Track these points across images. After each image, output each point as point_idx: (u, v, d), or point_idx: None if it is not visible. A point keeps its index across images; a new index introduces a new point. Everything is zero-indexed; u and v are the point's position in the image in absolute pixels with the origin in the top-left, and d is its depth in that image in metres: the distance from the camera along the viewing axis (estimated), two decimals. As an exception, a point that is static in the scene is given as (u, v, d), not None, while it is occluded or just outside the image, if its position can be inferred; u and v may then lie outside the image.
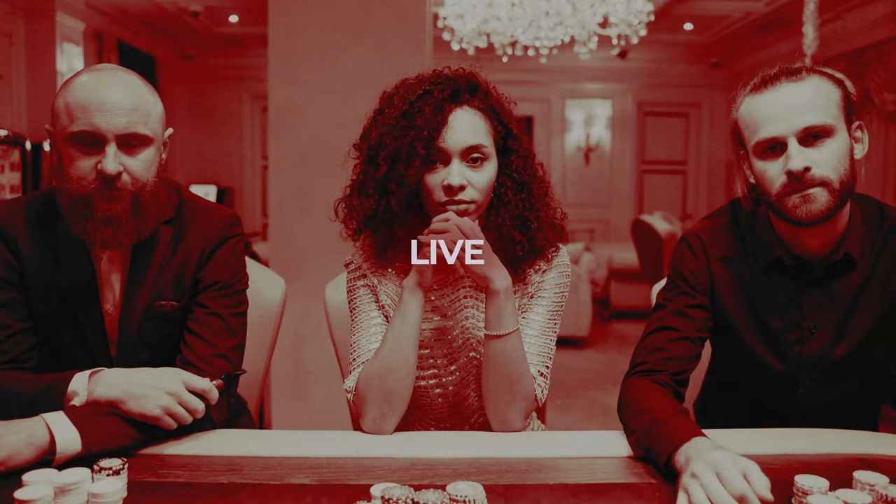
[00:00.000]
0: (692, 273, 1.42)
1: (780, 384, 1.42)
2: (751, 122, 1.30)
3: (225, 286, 1.38)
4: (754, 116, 1.29)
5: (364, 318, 1.37)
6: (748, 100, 1.31)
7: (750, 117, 1.30)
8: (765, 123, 1.27)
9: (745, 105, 1.32)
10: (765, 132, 1.27)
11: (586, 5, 4.09)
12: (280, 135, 2.87)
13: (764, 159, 1.29)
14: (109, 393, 1.16)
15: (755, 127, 1.29)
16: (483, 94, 1.32)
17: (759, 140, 1.28)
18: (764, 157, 1.29)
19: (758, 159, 1.30)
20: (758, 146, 1.29)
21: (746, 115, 1.31)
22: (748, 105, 1.31)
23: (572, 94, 8.87)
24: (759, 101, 1.29)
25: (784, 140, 1.25)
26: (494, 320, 1.26)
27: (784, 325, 1.37)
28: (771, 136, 1.26)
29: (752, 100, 1.30)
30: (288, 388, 2.94)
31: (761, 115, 1.28)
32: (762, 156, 1.29)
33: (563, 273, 1.39)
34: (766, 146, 1.28)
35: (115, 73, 1.25)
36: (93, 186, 1.22)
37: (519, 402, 1.29)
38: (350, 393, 1.32)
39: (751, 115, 1.30)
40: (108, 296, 1.35)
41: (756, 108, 1.29)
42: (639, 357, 1.37)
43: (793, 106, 1.25)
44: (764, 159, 1.29)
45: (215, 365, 1.32)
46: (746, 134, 1.32)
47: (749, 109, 1.30)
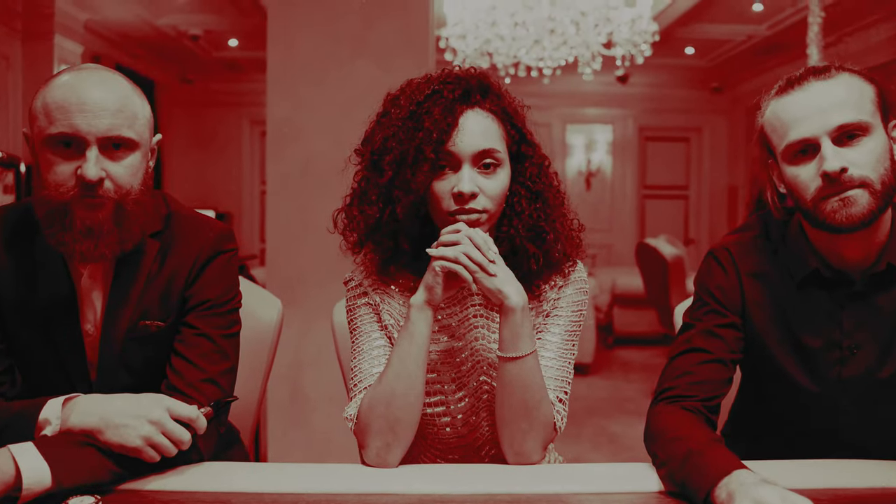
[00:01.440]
0: (721, 289, 1.32)
1: (819, 410, 1.31)
2: (779, 125, 1.20)
3: (216, 305, 1.28)
4: (782, 119, 1.20)
5: (365, 339, 1.27)
6: (774, 102, 1.22)
7: (777, 120, 1.21)
8: (794, 125, 1.17)
9: (772, 108, 1.22)
10: (795, 134, 1.17)
11: (590, 25, 4.05)
12: (278, 152, 2.79)
13: (795, 164, 1.19)
14: (85, 421, 1.05)
15: (784, 130, 1.19)
16: (496, 96, 1.23)
17: (789, 143, 1.18)
18: (795, 162, 1.19)
19: (788, 165, 1.20)
20: (788, 150, 1.19)
21: (773, 119, 1.22)
22: (775, 108, 1.22)
23: (573, 119, 8.86)
24: (787, 102, 1.19)
25: (816, 141, 1.16)
26: (509, 341, 1.16)
27: (822, 344, 1.27)
28: (802, 138, 1.17)
29: (778, 102, 1.21)
30: (285, 415, 2.84)
31: (790, 116, 1.18)
32: (793, 160, 1.20)
33: (580, 289, 1.29)
34: (796, 149, 1.18)
35: (98, 73, 1.16)
36: (72, 193, 1.12)
37: (537, 431, 1.18)
38: (351, 421, 1.21)
39: (778, 118, 1.20)
40: (89, 315, 1.24)
41: (784, 110, 1.19)
42: (666, 382, 1.27)
43: (824, 104, 1.16)
44: (795, 164, 1.19)
45: (204, 391, 1.21)
46: (774, 139, 1.22)
47: (776, 112, 1.21)
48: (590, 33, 4.06)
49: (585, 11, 3.95)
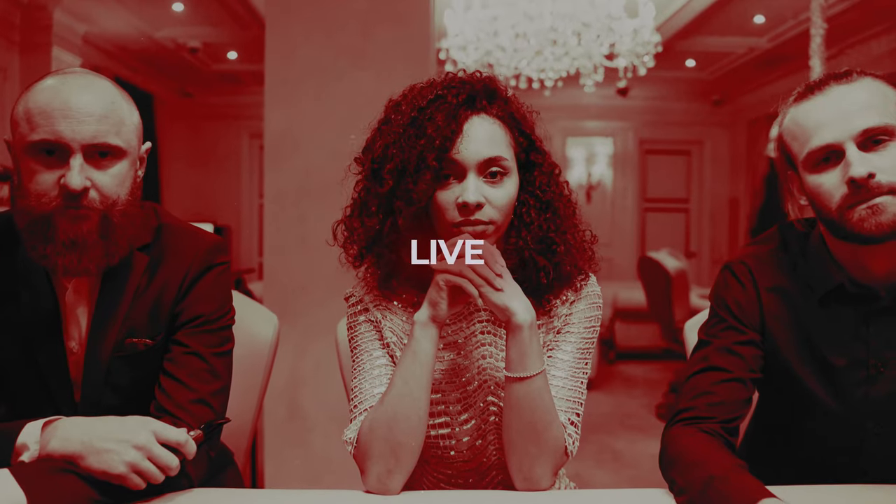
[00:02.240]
0: (739, 304, 1.25)
1: (842, 432, 1.24)
2: (799, 132, 1.15)
3: (207, 321, 1.21)
4: (803, 125, 1.14)
5: (366, 358, 1.20)
6: (793, 109, 1.16)
7: (798, 127, 1.15)
8: (816, 131, 1.12)
9: (791, 115, 1.17)
10: (817, 140, 1.12)
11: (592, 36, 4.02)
12: (276, 165, 2.74)
13: (818, 172, 1.14)
14: (66, 446, 0.98)
15: (805, 137, 1.13)
16: (502, 101, 1.18)
17: (811, 150, 1.13)
18: (818, 170, 1.14)
19: (810, 173, 1.15)
20: (810, 157, 1.14)
21: (793, 126, 1.16)
22: (794, 114, 1.16)
23: (573, 132, 8.83)
24: (808, 108, 1.14)
25: (840, 147, 1.10)
26: (517, 360, 1.09)
27: (847, 363, 1.20)
28: (825, 144, 1.11)
29: (798, 108, 1.15)
30: (282, 435, 2.77)
31: (811, 122, 1.13)
32: (815, 168, 1.14)
33: (593, 304, 1.23)
34: (819, 156, 1.13)
35: (84, 77, 1.11)
36: (55, 204, 1.06)
37: (547, 456, 1.11)
38: (350, 445, 1.14)
39: (798, 125, 1.15)
40: (73, 332, 1.18)
41: (804, 116, 1.14)
42: (683, 402, 1.20)
43: (846, 108, 1.10)
44: (818, 172, 1.14)
45: (194, 412, 1.15)
46: (794, 146, 1.17)
47: (796, 119, 1.15)
48: (592, 44, 4.02)
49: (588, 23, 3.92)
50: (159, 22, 5.92)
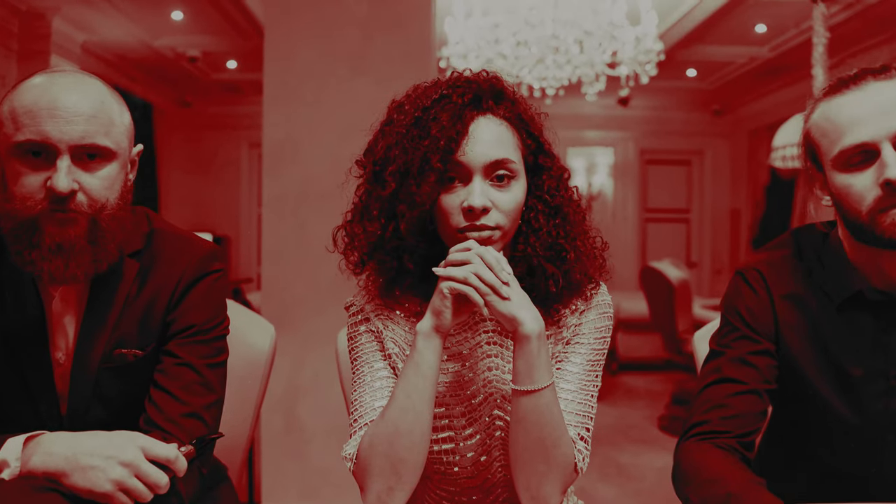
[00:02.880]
0: (752, 313, 1.21)
1: (860, 446, 1.19)
2: (831, 128, 1.10)
3: (200, 331, 1.16)
4: (835, 121, 1.09)
5: (367, 370, 1.15)
6: (825, 104, 1.11)
7: (829, 123, 1.10)
8: (850, 128, 1.07)
9: (822, 110, 1.12)
10: (851, 138, 1.07)
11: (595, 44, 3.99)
12: (275, 173, 2.71)
13: (848, 171, 1.08)
14: (49, 463, 0.93)
15: (837, 133, 1.08)
16: (510, 102, 1.13)
17: (843, 148, 1.08)
18: (849, 170, 1.08)
19: (840, 172, 1.10)
20: (841, 156, 1.08)
21: (824, 122, 1.11)
22: (826, 109, 1.11)
23: (574, 142, 8.81)
24: (842, 103, 1.09)
25: (876, 146, 1.05)
26: (525, 372, 1.04)
27: (866, 373, 1.15)
28: (859, 142, 1.06)
29: (830, 103, 1.10)
30: (279, 447, 2.72)
31: (845, 118, 1.08)
32: (846, 167, 1.09)
33: (604, 314, 1.18)
34: (851, 155, 1.07)
35: (74, 76, 1.06)
36: (40, 207, 1.01)
37: (556, 473, 1.06)
38: (350, 461, 1.09)
39: (830, 120, 1.10)
40: (60, 342, 1.13)
41: (838, 112, 1.09)
42: (696, 415, 1.15)
43: (885, 105, 1.05)
44: (848, 171, 1.08)
45: (186, 427, 1.09)
46: (824, 143, 1.11)
47: (827, 114, 1.10)
48: (594, 52, 3.99)
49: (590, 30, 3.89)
50: (158, 31, 5.89)
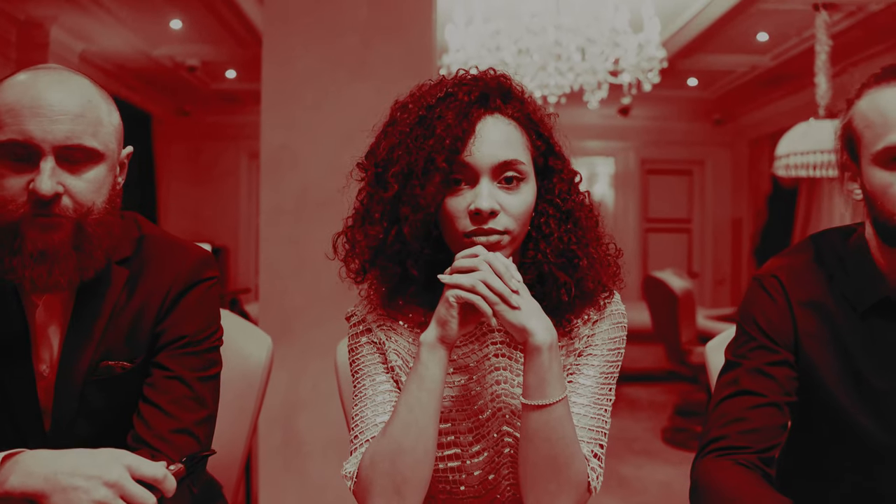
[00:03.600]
0: (769, 321, 1.15)
1: (885, 463, 1.13)
2: (879, 120, 1.03)
3: (192, 342, 1.11)
4: (885, 113, 1.02)
5: (369, 383, 1.09)
6: (874, 93, 1.05)
7: (878, 114, 1.03)
8: None
9: (871, 98, 1.05)
10: None
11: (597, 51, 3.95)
12: (273, 181, 2.65)
13: (891, 169, 1.03)
14: (28, 483, 0.87)
15: (885, 127, 1.02)
16: (518, 101, 1.08)
17: (889, 144, 1.02)
18: (892, 167, 1.03)
19: (880, 168, 1.04)
20: (886, 152, 1.03)
21: (871, 112, 1.05)
22: (876, 98, 1.05)
23: (574, 152, 8.53)
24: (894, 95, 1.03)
25: None
26: (535, 386, 0.98)
27: (892, 385, 1.10)
28: None
29: (881, 93, 1.04)
30: (277, 462, 2.65)
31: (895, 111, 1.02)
32: (889, 164, 1.03)
33: (617, 324, 1.12)
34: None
35: (59, 73, 1.01)
36: (22, 211, 0.96)
37: (568, 493, 1.00)
38: (350, 480, 1.03)
39: (879, 111, 1.03)
40: (44, 354, 1.07)
41: (886, 103, 1.03)
42: (714, 430, 1.10)
43: None
44: (891, 169, 1.03)
45: (176, 444, 1.04)
46: (867, 135, 1.05)
47: (877, 104, 1.04)
48: (596, 59, 3.95)
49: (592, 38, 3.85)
50: (157, 40, 5.86)
